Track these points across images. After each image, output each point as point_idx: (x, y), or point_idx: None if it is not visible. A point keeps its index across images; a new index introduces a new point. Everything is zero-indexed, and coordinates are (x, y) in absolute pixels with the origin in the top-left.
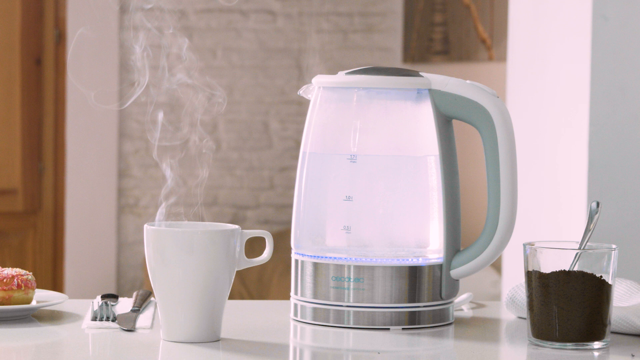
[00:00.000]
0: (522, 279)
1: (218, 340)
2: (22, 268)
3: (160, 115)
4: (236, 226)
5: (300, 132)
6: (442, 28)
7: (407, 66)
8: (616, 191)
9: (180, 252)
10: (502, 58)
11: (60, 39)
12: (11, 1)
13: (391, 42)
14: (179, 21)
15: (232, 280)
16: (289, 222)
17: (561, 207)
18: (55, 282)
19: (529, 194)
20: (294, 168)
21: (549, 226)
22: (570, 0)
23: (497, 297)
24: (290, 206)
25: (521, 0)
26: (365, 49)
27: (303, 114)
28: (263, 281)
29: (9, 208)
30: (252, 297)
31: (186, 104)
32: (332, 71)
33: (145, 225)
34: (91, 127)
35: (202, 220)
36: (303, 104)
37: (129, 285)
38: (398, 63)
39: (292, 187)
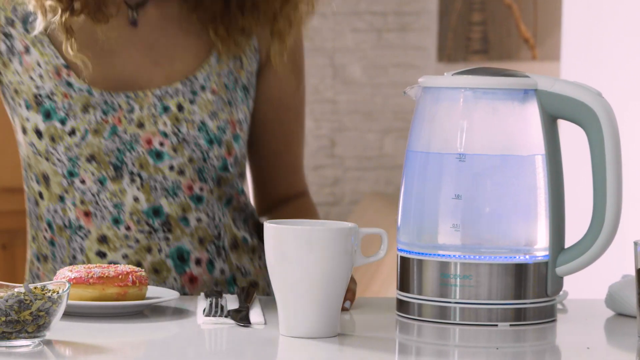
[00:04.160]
0: (576, 278)
1: (336, 336)
2: None
3: None
4: (353, 224)
5: (334, 130)
6: (481, 27)
7: (443, 65)
8: None
9: (299, 248)
10: (546, 57)
11: None
12: None
13: (426, 41)
14: None
15: (350, 277)
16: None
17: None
18: None
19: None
20: (328, 166)
21: None
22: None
23: None
24: (324, 204)
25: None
26: (399, 48)
27: (337, 113)
28: None
29: None
30: None
31: None
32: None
33: (264, 222)
34: None
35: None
36: (337, 103)
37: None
38: (433, 62)
39: (326, 186)
